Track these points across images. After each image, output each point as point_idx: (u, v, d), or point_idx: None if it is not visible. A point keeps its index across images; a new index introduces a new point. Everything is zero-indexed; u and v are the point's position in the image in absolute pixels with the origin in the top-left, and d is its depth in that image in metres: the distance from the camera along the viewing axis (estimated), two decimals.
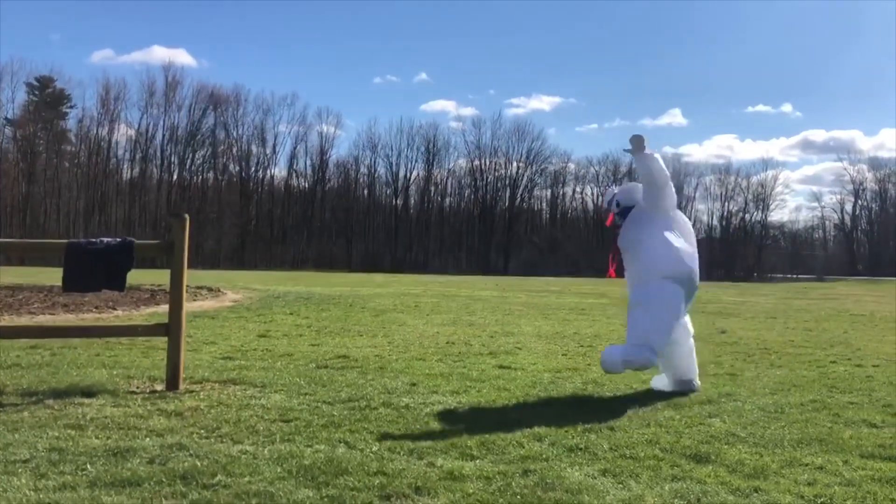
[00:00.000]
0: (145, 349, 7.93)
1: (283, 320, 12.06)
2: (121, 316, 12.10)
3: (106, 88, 68.95)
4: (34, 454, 3.97)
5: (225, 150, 73.94)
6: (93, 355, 7.50)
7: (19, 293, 16.22)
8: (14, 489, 3.41)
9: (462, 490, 3.59)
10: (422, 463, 4.02)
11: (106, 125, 69.50)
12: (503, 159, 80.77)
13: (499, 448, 4.36)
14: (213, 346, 8.51)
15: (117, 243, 6.00)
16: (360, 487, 3.58)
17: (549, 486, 3.68)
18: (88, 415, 4.93)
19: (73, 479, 3.58)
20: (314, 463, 3.93)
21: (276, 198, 76.60)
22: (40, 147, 68.25)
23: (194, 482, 3.58)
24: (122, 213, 67.58)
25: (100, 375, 6.39)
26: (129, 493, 3.43)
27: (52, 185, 66.85)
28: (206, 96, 72.03)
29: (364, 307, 15.23)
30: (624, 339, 9.81)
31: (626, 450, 4.40)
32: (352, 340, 9.59)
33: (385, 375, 6.82)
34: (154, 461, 3.92)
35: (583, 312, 15.56)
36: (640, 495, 3.60)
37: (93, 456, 3.97)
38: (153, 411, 5.09)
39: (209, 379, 6.36)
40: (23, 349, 7.70)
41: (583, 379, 6.86)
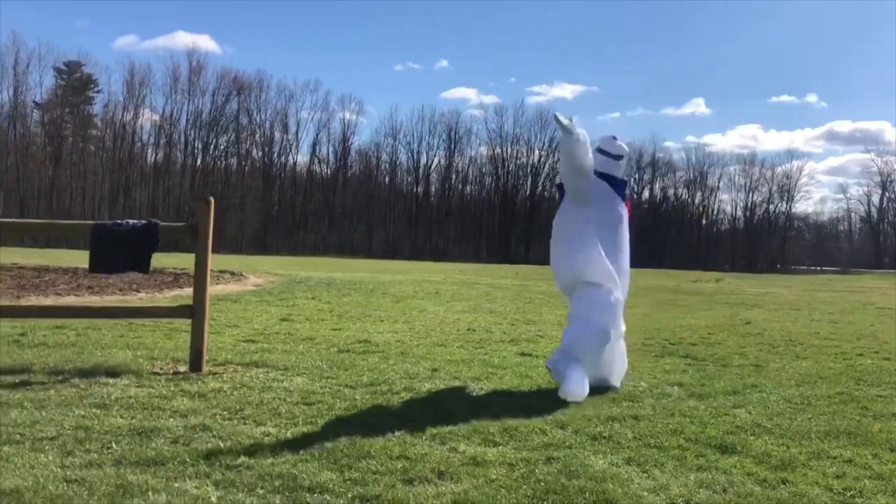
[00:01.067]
0: (168, 331, 7.98)
1: (305, 305, 12.10)
2: (144, 298, 12.21)
3: (131, 73, 69.39)
4: (61, 432, 4.01)
5: (248, 135, 74.22)
6: (117, 336, 7.56)
7: (45, 275, 16.42)
8: (41, 466, 3.44)
9: (485, 476, 3.57)
10: (444, 448, 4.01)
11: (131, 110, 69.97)
12: (525, 147, 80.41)
13: (521, 435, 4.33)
14: (235, 329, 8.55)
15: (142, 225, 6.02)
16: (383, 471, 3.57)
17: (572, 473, 3.65)
18: (113, 394, 4.96)
19: (98, 458, 3.60)
20: (336, 446, 3.92)
21: (299, 184, 76.83)
22: (67, 131, 68.89)
23: (218, 463, 3.59)
24: (146, 197, 68.10)
25: (124, 356, 6.44)
26: (154, 471, 3.44)
27: (77, 168, 67.49)
28: (230, 82, 72.27)
29: (385, 293, 15.25)
30: (645, 329, 9.74)
31: (651, 439, 4.36)
32: (373, 325, 9.60)
33: (406, 361, 6.81)
34: (178, 441, 3.93)
35: None
36: (664, 484, 3.57)
37: (118, 435, 4.00)
38: (177, 392, 5.11)
39: (232, 361, 6.39)
40: (49, 329, 7.78)
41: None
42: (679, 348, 8.35)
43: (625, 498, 3.35)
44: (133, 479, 3.31)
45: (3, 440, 3.81)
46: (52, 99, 68.58)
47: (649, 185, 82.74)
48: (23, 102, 66.73)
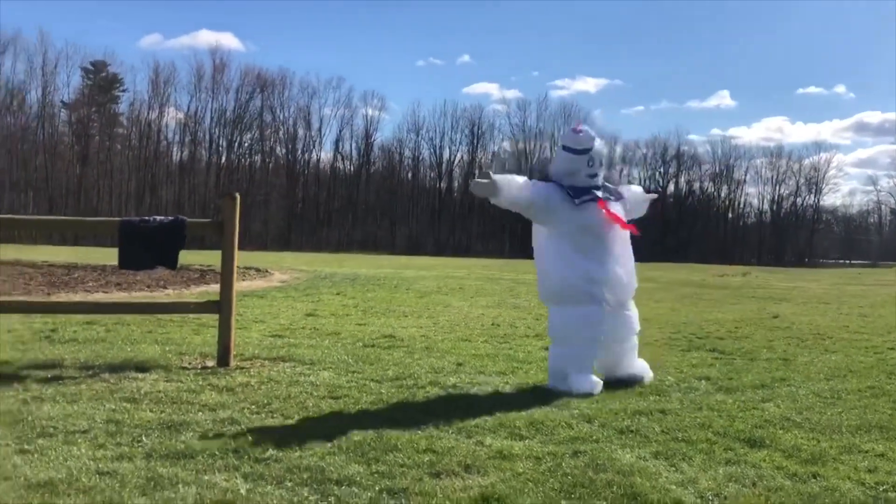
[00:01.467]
0: (196, 327, 8.06)
1: (330, 300, 12.17)
2: (171, 294, 12.35)
3: (156, 72, 70.06)
4: (92, 425, 4.07)
5: (271, 132, 74.67)
6: (145, 332, 7.65)
7: (74, 272, 16.66)
8: (74, 458, 3.49)
9: (512, 469, 3.57)
10: (470, 441, 4.01)
11: (156, 108, 70.67)
12: (549, 141, 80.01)
13: (547, 429, 4.32)
14: (262, 325, 8.61)
15: (169, 221, 6.08)
16: (410, 464, 3.58)
17: (600, 467, 3.64)
18: (143, 389, 5.03)
19: (129, 451, 3.65)
20: (363, 439, 3.94)
21: (322, 180, 77.17)
22: (94, 130, 69.73)
23: (246, 456, 3.62)
24: (172, 195, 68.77)
25: (153, 351, 6.51)
26: (184, 464, 3.48)
27: (104, 167, 68.30)
28: (253, 79, 72.74)
29: (409, 289, 15.29)
30: (672, 323, 9.68)
31: (678, 433, 4.33)
32: (397, 321, 9.63)
33: (431, 355, 6.82)
34: (206, 435, 3.97)
35: None
36: (693, 478, 3.54)
37: (148, 428, 4.05)
38: (205, 386, 5.17)
39: (259, 356, 6.44)
40: (79, 324, 7.90)
41: None
42: (706, 342, 8.28)
43: (653, 492, 3.33)
44: (163, 472, 3.35)
45: (38, 433, 3.88)
46: (79, 98, 69.47)
47: (674, 178, 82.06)
48: (51, 102, 67.71)
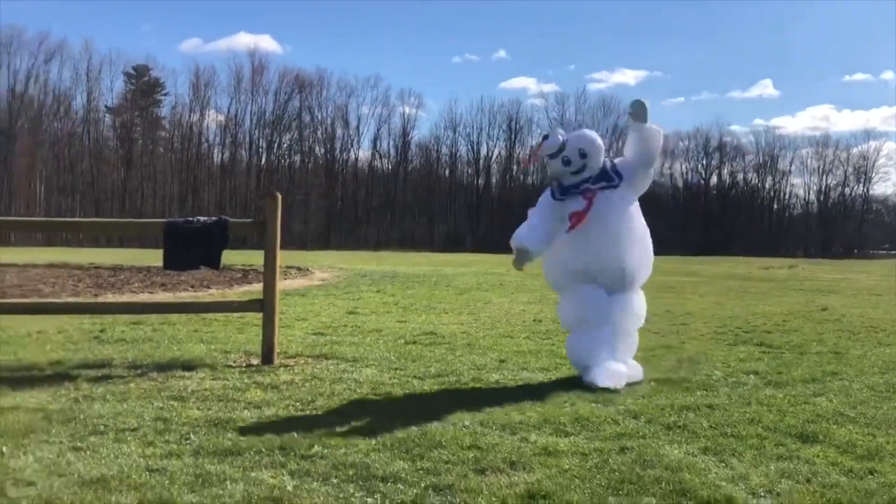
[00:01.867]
0: (240, 325, 8.15)
1: (371, 298, 12.21)
2: (215, 294, 12.51)
3: (196, 75, 71.11)
4: (141, 423, 4.13)
5: (310, 132, 75.32)
6: (191, 331, 7.76)
7: (120, 273, 17.00)
8: (125, 455, 3.55)
9: (558, 466, 3.53)
10: (515, 438, 3.98)
11: (197, 111, 71.74)
12: None
13: (593, 425, 4.27)
14: (304, 323, 8.68)
15: (213, 222, 6.15)
16: (455, 461, 3.57)
17: (647, 463, 3.59)
18: (189, 387, 5.09)
19: (178, 448, 3.70)
20: (408, 436, 3.94)
21: (360, 179, 77.58)
22: (137, 134, 71.08)
23: (292, 452, 3.65)
24: (213, 197, 69.75)
25: (198, 350, 6.60)
26: (231, 461, 3.51)
27: (148, 170, 69.59)
28: (291, 80, 73.40)
29: (448, 285, 15.28)
30: (717, 317, 9.52)
31: (727, 428, 4.25)
32: (438, 317, 9.62)
33: (473, 352, 6.80)
34: (252, 432, 4.00)
35: (672, 290, 15.18)
36: (744, 474, 3.47)
37: (195, 426, 4.10)
38: (250, 384, 5.22)
39: (302, 354, 6.49)
40: (126, 325, 8.04)
41: (677, 357, 6.67)
42: (753, 336, 8.12)
43: (702, 488, 3.27)
44: (211, 469, 3.38)
45: (89, 431, 3.95)
46: (122, 103, 70.84)
47: (717, 170, 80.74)
48: (95, 107, 69.18)
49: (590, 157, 5.73)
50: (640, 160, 5.81)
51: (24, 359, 6.06)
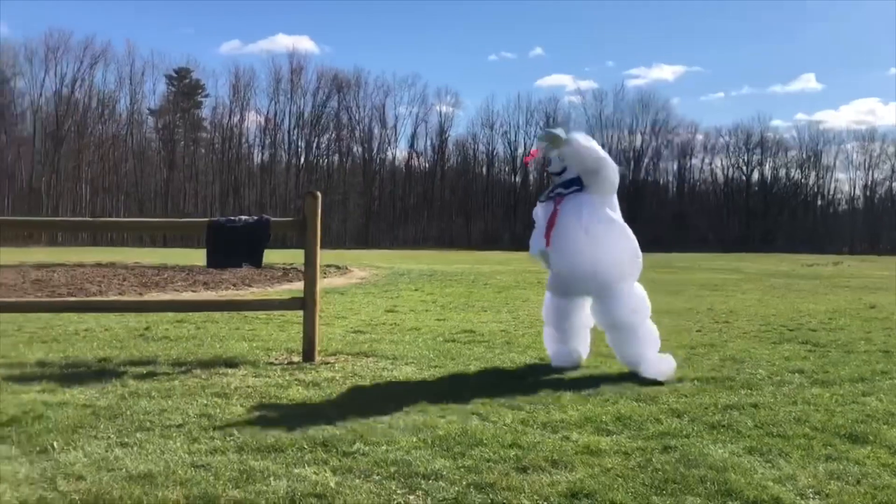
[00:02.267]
0: (281, 323, 8.24)
1: (409, 296, 12.25)
2: (257, 292, 12.66)
3: (236, 77, 72.12)
4: (186, 420, 4.20)
5: (348, 132, 75.80)
6: (233, 329, 7.87)
7: (164, 272, 17.30)
8: (171, 451, 3.61)
9: (600, 465, 3.50)
10: (556, 437, 3.96)
11: (237, 112, 72.75)
12: (626, 131, 78.71)
13: (635, 424, 4.23)
14: (344, 321, 8.74)
15: (255, 221, 6.23)
16: (496, 459, 3.56)
17: (691, 462, 3.54)
18: (233, 384, 5.16)
19: (222, 444, 3.74)
20: (448, 433, 3.94)
21: (398, 178, 77.90)
22: (179, 135, 72.29)
23: (334, 449, 3.67)
24: (254, 197, 70.64)
25: (241, 348, 6.69)
26: (274, 458, 3.55)
27: (189, 171, 70.76)
28: (329, 80, 74.00)
29: (486, 283, 15.26)
30: (760, 315, 9.35)
31: (773, 427, 4.17)
32: (476, 316, 9.62)
33: (512, 350, 6.78)
34: (295, 429, 4.04)
35: (716, 288, 14.97)
36: (791, 475, 3.40)
37: (238, 423, 4.15)
38: (292, 382, 5.27)
39: (342, 351, 6.53)
40: (170, 323, 8.18)
41: (720, 356, 6.57)
42: (798, 334, 7.97)
43: (749, 488, 3.21)
44: (255, 465, 3.42)
45: (136, 427, 4.02)
46: (164, 105, 72.14)
47: (759, 166, 79.41)
48: (138, 110, 70.57)
49: (568, 164, 5.78)
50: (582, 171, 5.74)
51: (73, 356, 6.20)
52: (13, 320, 8.09)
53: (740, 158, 79.41)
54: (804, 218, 77.13)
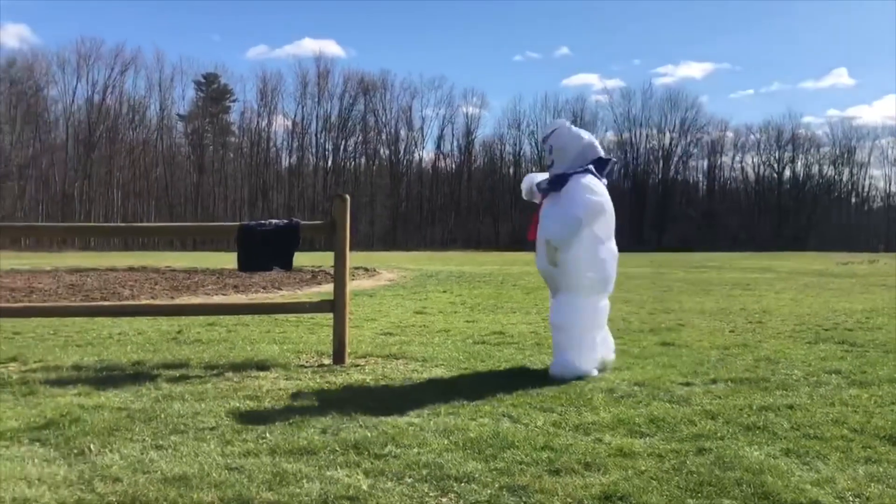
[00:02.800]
0: (311, 326, 8.28)
1: (438, 298, 12.26)
2: (286, 295, 12.75)
3: (264, 81, 72.82)
4: (219, 423, 4.23)
5: (375, 134, 76.13)
6: (264, 332, 7.92)
7: (195, 276, 17.49)
8: (205, 454, 3.64)
9: (634, 467, 3.46)
10: (589, 439, 3.93)
11: (265, 117, 73.45)
12: (655, 130, 78.10)
13: (669, 426, 4.18)
14: (373, 323, 8.76)
15: (284, 224, 6.26)
16: (528, 461, 3.54)
17: (727, 465, 3.48)
18: (264, 387, 5.19)
19: (255, 447, 3.76)
20: (480, 436, 3.93)
21: (425, 180, 78.03)
22: (208, 140, 73.13)
23: (366, 452, 3.67)
24: (282, 200, 71.26)
25: (271, 351, 6.73)
26: (307, 460, 3.56)
27: (219, 175, 71.53)
28: (356, 84, 74.41)
29: (515, 285, 15.23)
30: (795, 314, 9.21)
31: (810, 429, 4.10)
32: (506, 317, 9.59)
33: (542, 351, 6.74)
34: (327, 431, 4.05)
35: (748, 288, 14.78)
36: (830, 477, 3.34)
37: (271, 425, 4.17)
38: (322, 384, 5.29)
39: (372, 354, 6.55)
40: (202, 326, 8.26)
41: (754, 356, 6.48)
42: (834, 334, 7.83)
43: (786, 491, 3.16)
44: (288, 468, 3.44)
45: (170, 430, 4.06)
46: (193, 110, 73.05)
47: (790, 163, 78.36)
48: (168, 115, 71.51)
49: (556, 156, 5.80)
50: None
51: (107, 359, 6.28)
52: (49, 324, 8.23)
53: (771, 156, 78.47)
54: (838, 216, 75.95)
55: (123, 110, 68.37)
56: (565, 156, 5.76)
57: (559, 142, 5.81)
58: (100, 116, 65.87)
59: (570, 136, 5.83)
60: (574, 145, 5.79)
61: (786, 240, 67.26)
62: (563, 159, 5.76)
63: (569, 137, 5.82)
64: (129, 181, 67.43)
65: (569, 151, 5.77)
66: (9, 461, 3.52)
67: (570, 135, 5.84)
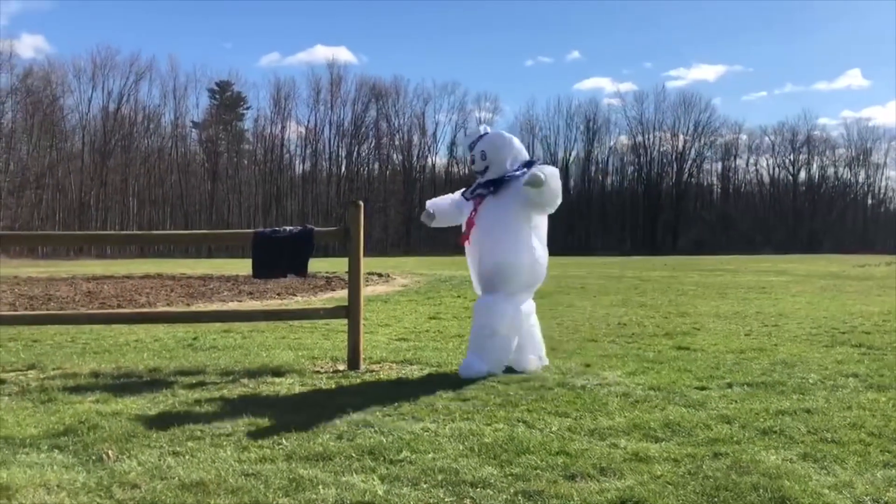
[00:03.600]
0: (326, 332, 8.31)
1: (452, 303, 12.27)
2: (301, 301, 12.80)
3: (277, 89, 73.20)
4: (235, 429, 4.25)
5: (388, 140, 76.36)
6: (279, 338, 7.96)
7: (210, 283, 17.58)
8: (221, 460, 3.66)
9: (649, 472, 3.45)
10: (604, 444, 3.92)
11: (279, 123, 73.81)
12: (668, 133, 77.89)
13: (684, 430, 4.17)
14: (387, 328, 8.78)
15: (299, 231, 6.30)
16: (544, 467, 3.54)
17: (743, 469, 3.47)
18: (280, 393, 5.22)
19: (271, 453, 3.78)
20: (495, 441, 3.93)
21: (438, 185, 78.04)
22: (222, 147, 73.56)
23: (381, 457, 3.68)
24: (296, 206, 71.54)
25: (286, 357, 6.76)
26: (322, 466, 3.58)
27: (233, 182, 71.91)
28: (368, 90, 74.67)
29: None
30: (811, 317, 9.15)
31: (827, 433, 4.08)
32: None
33: (557, 356, 6.73)
34: (342, 437, 4.07)
35: (763, 291, 14.69)
36: (848, 482, 3.32)
37: (286, 431, 4.18)
38: (337, 390, 5.30)
39: (387, 359, 6.56)
40: (217, 333, 8.31)
41: (770, 360, 6.44)
42: (850, 337, 7.78)
43: (804, 496, 3.14)
44: (304, 473, 3.45)
45: (187, 436, 4.09)
46: (207, 118, 73.52)
47: (805, 165, 77.89)
48: (182, 123, 72.03)
49: (490, 161, 5.82)
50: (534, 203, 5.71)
51: (124, 366, 6.33)
52: (67, 332, 8.31)
53: (786, 158, 78.02)
54: (854, 218, 75.41)
55: (138, 119, 68.92)
56: (500, 161, 5.83)
57: (493, 147, 5.88)
58: (115, 125, 66.40)
59: (504, 141, 5.92)
60: (508, 150, 5.88)
61: (801, 242, 66.84)
62: (499, 164, 5.82)
63: (503, 142, 5.90)
64: (145, 189, 67.93)
65: (504, 156, 5.84)
66: (29, 467, 3.55)
67: (503, 140, 5.93)
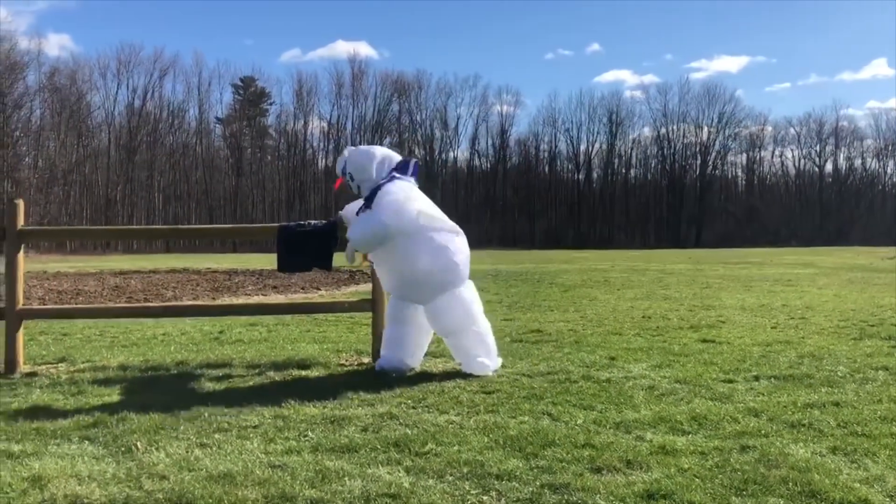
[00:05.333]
0: (350, 325, 8.34)
1: None
2: (325, 295, 12.86)
3: (299, 84, 73.55)
4: (262, 421, 4.28)
5: (410, 135, 76.46)
6: (304, 331, 8.00)
7: (235, 277, 17.72)
8: (248, 452, 3.69)
9: (676, 465, 3.43)
10: (630, 437, 3.90)
11: (301, 118, 74.14)
12: (692, 125, 77.16)
13: (711, 423, 4.13)
14: None
15: (324, 224, 6.31)
16: (569, 459, 3.52)
17: (772, 462, 3.44)
18: (305, 385, 5.25)
19: (297, 445, 3.81)
20: (520, 434, 3.92)
21: (460, 179, 78.09)
22: (245, 143, 74.03)
23: (407, 450, 3.69)
24: (319, 201, 71.86)
25: (312, 349, 6.80)
26: (348, 458, 3.59)
27: (256, 177, 72.39)
28: (390, 84, 74.79)
29: (552, 283, 15.16)
30: (839, 310, 9.04)
31: (857, 427, 4.03)
32: (543, 315, 9.56)
33: (581, 349, 6.71)
34: (368, 429, 4.09)
35: (789, 284, 14.53)
36: (879, 476, 3.27)
37: (312, 423, 4.22)
38: (362, 382, 5.32)
39: None
40: (243, 326, 8.37)
41: (797, 353, 6.37)
42: (880, 330, 7.67)
43: (834, 489, 3.10)
44: (330, 465, 3.47)
45: (214, 428, 4.13)
46: (231, 114, 74.02)
47: (832, 157, 76.85)
48: (206, 119, 72.60)
49: (360, 180, 5.81)
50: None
51: (152, 359, 6.40)
52: (95, 325, 8.42)
53: (812, 149, 77.02)
54: (882, 209, 74.26)
55: (163, 115, 69.58)
56: (367, 174, 5.79)
57: (356, 166, 5.83)
58: (140, 121, 67.08)
59: (364, 156, 5.86)
60: (369, 161, 5.81)
61: (829, 234, 66.00)
62: (367, 178, 5.79)
63: (363, 158, 5.85)
64: (170, 184, 68.60)
65: (368, 169, 5.80)
66: (60, 458, 3.61)
67: (363, 155, 5.87)
